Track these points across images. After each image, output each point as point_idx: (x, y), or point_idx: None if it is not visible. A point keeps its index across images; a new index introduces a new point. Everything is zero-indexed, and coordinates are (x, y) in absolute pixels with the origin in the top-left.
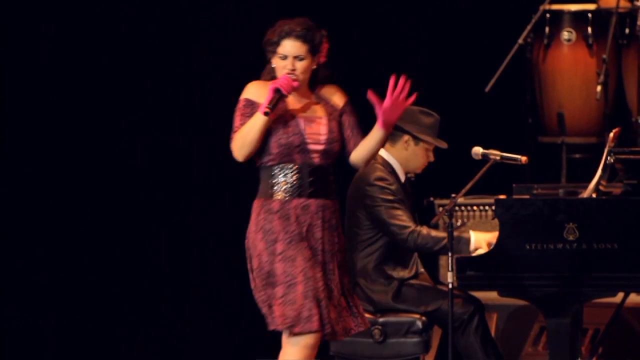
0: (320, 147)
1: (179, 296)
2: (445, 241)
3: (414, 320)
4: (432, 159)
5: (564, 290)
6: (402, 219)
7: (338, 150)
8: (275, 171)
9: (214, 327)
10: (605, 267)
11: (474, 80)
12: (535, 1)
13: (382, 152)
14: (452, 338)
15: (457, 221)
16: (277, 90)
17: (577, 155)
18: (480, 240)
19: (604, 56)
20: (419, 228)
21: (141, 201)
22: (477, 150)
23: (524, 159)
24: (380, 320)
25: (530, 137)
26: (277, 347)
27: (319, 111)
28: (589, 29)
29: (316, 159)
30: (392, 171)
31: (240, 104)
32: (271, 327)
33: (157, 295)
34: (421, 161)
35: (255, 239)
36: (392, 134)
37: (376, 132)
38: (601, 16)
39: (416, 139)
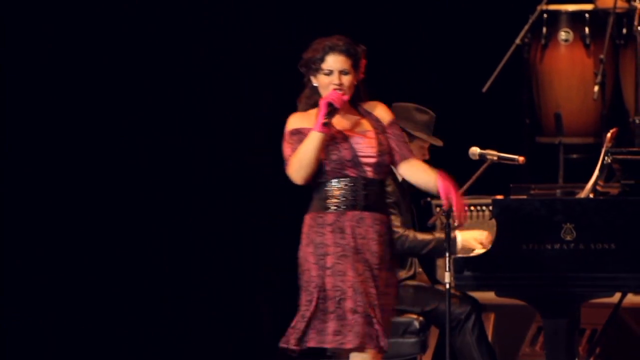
0: (372, 160)
1: (179, 296)
2: (432, 245)
3: (411, 321)
4: (426, 156)
5: (562, 291)
6: (397, 221)
7: (389, 163)
8: (329, 185)
9: (214, 327)
10: (602, 268)
11: (471, 81)
12: (532, 1)
13: None
14: (449, 338)
15: (454, 221)
16: (329, 105)
17: (575, 156)
18: (468, 239)
19: (602, 56)
20: (406, 232)
21: (141, 201)
22: (475, 150)
23: (521, 159)
24: None
25: (527, 137)
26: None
27: (366, 125)
28: (587, 29)
29: (369, 172)
30: (390, 171)
31: (287, 136)
32: (291, 342)
33: (157, 295)
34: (417, 158)
35: (306, 253)
36: None
37: (434, 187)
38: (598, 16)
39: (410, 136)
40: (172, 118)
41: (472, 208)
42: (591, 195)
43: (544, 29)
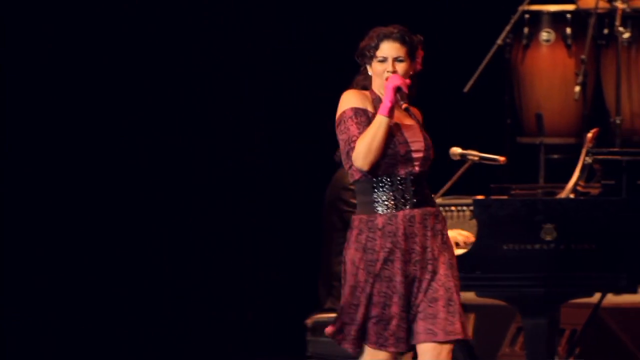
0: (420, 155)
1: (179, 296)
2: None
3: None
4: None
5: (542, 291)
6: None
7: (434, 158)
8: (376, 184)
9: (214, 327)
10: (582, 268)
11: (452, 81)
12: (514, 2)
13: None
14: None
15: None
16: (399, 89)
17: (556, 156)
18: (455, 236)
19: (583, 57)
20: None
21: (141, 201)
22: (456, 150)
23: (502, 159)
24: None
25: (508, 137)
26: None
27: (411, 119)
28: (568, 30)
29: (417, 167)
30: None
31: (349, 113)
32: (346, 345)
33: (157, 295)
34: None
35: (354, 257)
36: None
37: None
38: (580, 17)
39: None
40: (172, 118)
41: (452, 208)
42: (572, 196)
43: (526, 29)
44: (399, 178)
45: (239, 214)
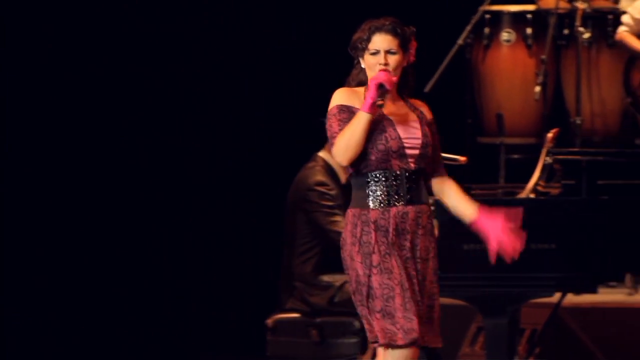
0: (416, 152)
1: (179, 296)
2: None
3: (351, 321)
4: None
5: (502, 291)
6: (340, 225)
7: (432, 155)
8: (371, 179)
9: (214, 327)
10: (542, 267)
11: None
12: (474, 2)
13: (322, 154)
14: None
15: None
16: (380, 86)
17: (516, 156)
18: None
19: (543, 57)
20: None
21: (141, 201)
22: None
23: (462, 159)
24: (318, 321)
25: (469, 137)
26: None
27: (411, 115)
28: (529, 30)
29: (412, 163)
30: (333, 174)
31: (334, 111)
32: (372, 341)
33: (156, 295)
34: None
35: (352, 252)
36: None
37: (469, 218)
38: (540, 17)
39: None
40: (172, 118)
41: None
42: (532, 196)
43: (486, 30)
44: (393, 174)
45: (238, 214)
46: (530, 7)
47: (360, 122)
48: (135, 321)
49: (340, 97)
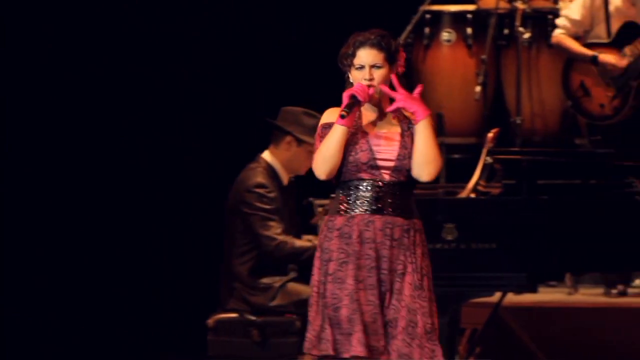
0: (390, 164)
1: (178, 296)
2: (310, 252)
3: (292, 321)
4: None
5: (442, 290)
6: (272, 230)
7: (410, 167)
8: (344, 188)
9: (155, 327)
10: (483, 267)
11: None
12: (415, 1)
13: (266, 155)
14: None
15: None
16: (352, 97)
17: (456, 156)
18: None
19: (483, 57)
20: (285, 239)
21: (141, 201)
22: None
23: None
24: (259, 321)
25: None
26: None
27: (394, 127)
28: (469, 30)
29: (386, 175)
30: (274, 175)
31: (319, 130)
32: (307, 349)
33: (156, 295)
34: (304, 163)
35: (315, 257)
36: (275, 136)
37: (416, 128)
38: (481, 17)
39: (298, 140)
40: (172, 118)
41: None
42: (473, 195)
43: (427, 29)
44: (364, 184)
45: (143, 212)
46: (471, 7)
47: (333, 134)
48: (76, 322)
49: (326, 116)
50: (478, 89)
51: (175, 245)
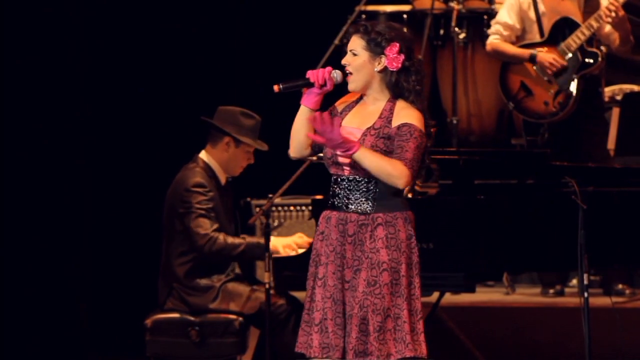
0: (347, 160)
1: (61, 296)
2: (241, 248)
3: (231, 321)
4: (252, 161)
5: None
6: (205, 226)
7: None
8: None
9: (93, 327)
10: (421, 267)
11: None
12: (351, 1)
13: (203, 155)
14: (269, 338)
15: (274, 221)
16: (305, 78)
17: None
18: (276, 245)
19: (419, 57)
20: (215, 235)
21: (140, 201)
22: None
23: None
24: (197, 321)
25: None
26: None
27: (367, 122)
28: (404, 30)
29: (347, 171)
30: (213, 175)
31: None
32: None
33: (155, 294)
34: (241, 163)
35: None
36: (212, 136)
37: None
38: (416, 17)
39: (237, 141)
40: (172, 118)
41: (291, 208)
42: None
43: None
44: (333, 178)
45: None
46: (406, 8)
47: (298, 114)
48: (137, 321)
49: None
50: None
51: (112, 245)
